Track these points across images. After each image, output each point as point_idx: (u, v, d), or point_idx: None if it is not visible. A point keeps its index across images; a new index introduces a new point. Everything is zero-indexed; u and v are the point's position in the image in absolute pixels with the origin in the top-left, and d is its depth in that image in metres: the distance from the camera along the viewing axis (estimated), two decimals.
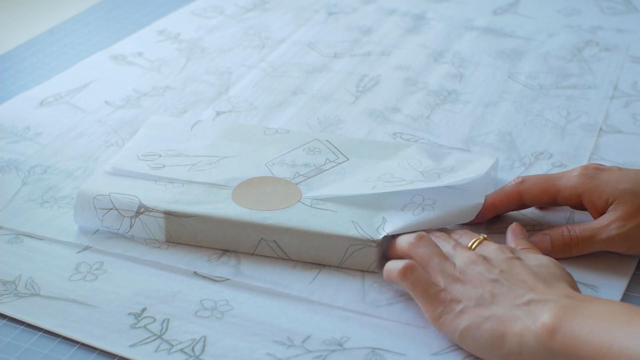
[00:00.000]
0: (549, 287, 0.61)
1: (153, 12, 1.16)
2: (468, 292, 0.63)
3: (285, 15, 1.15)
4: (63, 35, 1.10)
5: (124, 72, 1.00)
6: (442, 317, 0.63)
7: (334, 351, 0.63)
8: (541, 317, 0.59)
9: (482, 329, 0.61)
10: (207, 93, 0.96)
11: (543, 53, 1.05)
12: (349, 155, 0.78)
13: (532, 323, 0.59)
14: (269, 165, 0.77)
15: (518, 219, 0.75)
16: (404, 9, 1.17)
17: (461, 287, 0.63)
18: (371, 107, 0.93)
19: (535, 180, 0.74)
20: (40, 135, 0.88)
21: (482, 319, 0.61)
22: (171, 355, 0.62)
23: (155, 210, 0.72)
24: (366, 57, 1.04)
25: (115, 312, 0.66)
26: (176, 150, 0.79)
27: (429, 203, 0.72)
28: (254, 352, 0.62)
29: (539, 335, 0.58)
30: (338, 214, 0.71)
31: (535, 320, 0.59)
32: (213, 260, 0.71)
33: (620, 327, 0.56)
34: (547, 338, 0.58)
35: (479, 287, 0.63)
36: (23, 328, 0.65)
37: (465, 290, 0.63)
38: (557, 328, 0.58)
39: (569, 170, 0.74)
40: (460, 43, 1.07)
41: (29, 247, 0.72)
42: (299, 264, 0.70)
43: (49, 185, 0.80)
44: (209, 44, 1.07)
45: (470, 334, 0.61)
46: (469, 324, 0.61)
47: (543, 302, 0.60)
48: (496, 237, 0.71)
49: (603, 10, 1.17)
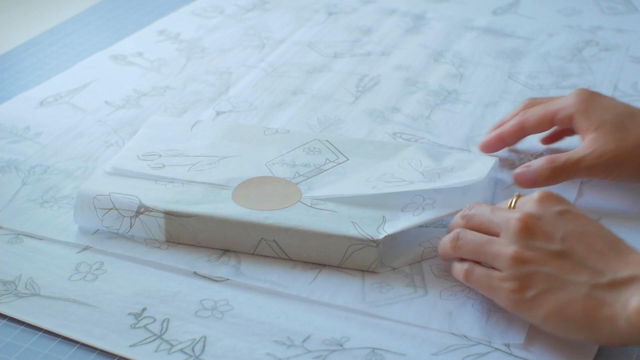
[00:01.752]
0: (621, 258, 0.59)
1: (153, 12, 1.16)
2: (534, 273, 0.60)
3: (285, 15, 1.15)
4: (63, 35, 1.10)
5: (124, 72, 1.00)
6: (516, 306, 0.61)
7: (334, 351, 0.63)
8: (631, 302, 0.57)
9: (566, 315, 0.59)
10: (207, 93, 0.96)
11: (543, 53, 1.05)
12: (349, 155, 0.78)
13: (622, 309, 0.57)
14: (269, 165, 0.77)
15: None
16: (404, 9, 1.17)
17: (523, 269, 0.60)
18: (371, 107, 0.93)
19: (535, 109, 0.79)
20: (40, 135, 0.88)
21: (562, 304, 0.59)
22: (171, 355, 0.62)
23: (155, 210, 0.72)
24: (366, 57, 1.04)
25: (115, 312, 0.66)
26: (176, 150, 0.79)
27: (429, 202, 0.72)
28: (254, 352, 0.62)
29: (632, 321, 0.57)
30: (338, 214, 0.71)
31: (625, 305, 0.57)
32: (213, 260, 0.71)
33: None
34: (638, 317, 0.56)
35: (544, 265, 0.60)
36: (23, 328, 0.65)
37: (530, 271, 0.60)
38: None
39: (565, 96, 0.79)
40: (460, 43, 1.07)
41: (29, 247, 0.72)
42: (299, 264, 0.70)
43: (49, 185, 0.80)
44: (209, 44, 1.07)
45: (553, 321, 0.59)
46: (549, 311, 0.59)
47: (627, 282, 0.58)
48: None
49: (603, 10, 1.17)
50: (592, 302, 0.58)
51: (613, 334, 0.58)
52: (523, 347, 0.63)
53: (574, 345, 0.63)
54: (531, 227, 0.61)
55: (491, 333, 0.64)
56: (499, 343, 0.63)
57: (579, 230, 0.61)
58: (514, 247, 0.61)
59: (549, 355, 0.62)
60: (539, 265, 0.60)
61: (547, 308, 0.59)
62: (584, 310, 0.58)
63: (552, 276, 0.60)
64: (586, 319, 0.58)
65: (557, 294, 0.59)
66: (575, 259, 0.60)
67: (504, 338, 0.63)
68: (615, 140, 0.74)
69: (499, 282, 0.61)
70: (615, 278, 0.59)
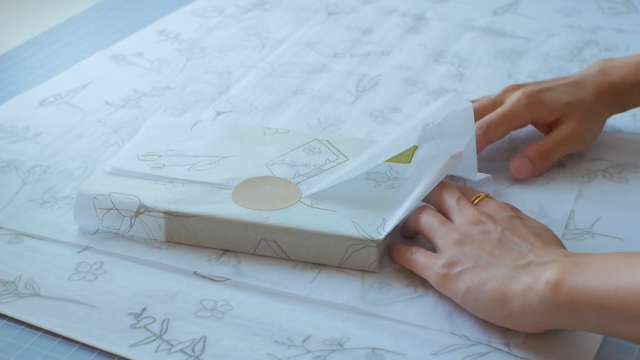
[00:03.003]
0: (547, 248, 0.63)
1: (153, 12, 1.16)
2: (467, 253, 0.64)
3: (285, 15, 1.15)
4: (63, 35, 1.10)
5: (124, 72, 1.00)
6: (442, 281, 0.65)
7: (334, 351, 0.63)
8: (543, 276, 0.60)
9: (483, 290, 0.62)
10: (207, 93, 0.96)
11: (543, 53, 1.05)
12: (349, 155, 0.78)
13: (534, 282, 0.60)
14: (269, 165, 0.77)
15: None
16: (404, 9, 1.17)
17: (460, 249, 0.65)
18: (371, 107, 0.93)
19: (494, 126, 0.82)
20: (40, 135, 0.88)
21: (482, 280, 0.63)
22: (171, 355, 0.62)
23: (155, 210, 0.72)
24: (366, 57, 1.04)
25: (115, 312, 0.66)
26: (176, 150, 0.79)
27: (417, 182, 0.72)
28: (254, 352, 0.62)
29: (543, 293, 0.59)
30: (338, 213, 0.71)
31: (536, 279, 0.60)
32: (213, 260, 0.71)
33: (622, 271, 0.57)
34: (552, 294, 0.59)
35: (478, 248, 0.64)
36: (23, 328, 0.65)
37: (464, 251, 0.65)
38: (561, 283, 0.59)
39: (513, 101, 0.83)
40: (460, 43, 1.07)
41: (29, 247, 0.72)
42: (299, 264, 0.70)
43: (49, 186, 0.80)
44: (209, 44, 1.07)
45: (471, 295, 0.63)
46: (470, 286, 0.63)
47: (543, 263, 0.61)
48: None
49: (603, 10, 1.17)
50: (509, 279, 0.62)
51: (524, 309, 0.60)
52: (523, 347, 0.63)
53: (574, 345, 0.63)
54: (480, 221, 0.66)
55: (491, 333, 0.64)
56: (498, 343, 0.63)
57: (521, 226, 0.66)
58: (459, 231, 0.66)
59: (549, 355, 0.62)
60: (473, 248, 0.65)
61: (467, 284, 0.63)
62: (499, 286, 0.62)
63: (480, 257, 0.64)
64: (500, 293, 0.62)
65: (479, 272, 0.63)
66: (507, 246, 0.64)
67: (504, 338, 0.63)
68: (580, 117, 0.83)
69: (433, 261, 0.66)
70: (533, 260, 0.62)
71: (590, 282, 0.58)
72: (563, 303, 0.59)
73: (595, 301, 0.57)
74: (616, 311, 0.56)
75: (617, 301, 0.56)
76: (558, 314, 0.59)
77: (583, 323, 0.59)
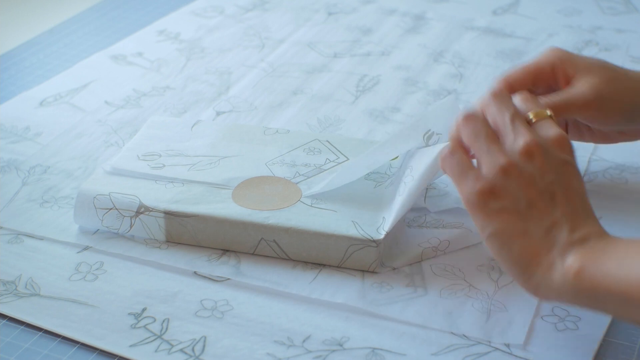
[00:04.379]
0: (586, 220, 0.60)
1: (153, 12, 1.16)
2: (510, 189, 0.60)
3: (285, 15, 1.15)
4: (63, 35, 1.10)
5: (124, 72, 1.00)
6: (475, 206, 0.61)
7: (334, 351, 0.63)
8: (569, 258, 0.58)
9: (513, 243, 0.59)
10: (207, 93, 0.96)
11: None
12: (349, 155, 0.78)
13: (561, 261, 0.58)
14: (269, 165, 0.77)
15: None
16: (404, 9, 1.17)
17: (505, 181, 0.60)
18: (371, 107, 0.93)
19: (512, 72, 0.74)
20: (40, 135, 0.88)
21: (517, 231, 0.59)
22: (171, 355, 0.62)
23: (155, 210, 0.72)
24: (366, 57, 1.04)
25: (115, 312, 0.66)
26: (176, 150, 0.79)
27: (409, 175, 0.71)
28: (254, 352, 0.62)
29: (565, 274, 0.58)
30: (338, 213, 0.71)
31: (564, 258, 0.58)
32: (213, 260, 0.71)
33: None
34: (574, 278, 0.57)
35: (523, 189, 0.60)
36: (23, 328, 0.65)
37: (508, 185, 0.60)
38: (584, 269, 0.57)
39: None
40: (460, 43, 1.07)
41: (29, 247, 0.72)
42: (299, 264, 0.70)
43: (49, 186, 0.80)
44: (209, 44, 1.07)
45: (500, 240, 0.60)
46: (503, 229, 0.60)
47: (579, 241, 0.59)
48: None
49: (603, 10, 1.17)
50: (541, 244, 0.59)
51: (545, 281, 0.59)
52: (523, 347, 0.63)
53: (574, 345, 0.63)
54: (532, 155, 0.61)
55: (491, 333, 0.64)
56: (499, 343, 0.63)
57: (568, 184, 0.61)
58: (508, 159, 0.61)
59: (549, 355, 0.62)
60: (518, 187, 0.60)
61: (500, 226, 0.60)
62: (531, 248, 0.59)
63: (522, 203, 0.60)
64: (529, 255, 0.59)
65: (517, 220, 0.60)
66: (550, 204, 0.60)
67: (504, 338, 0.63)
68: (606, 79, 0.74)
69: (474, 177, 0.61)
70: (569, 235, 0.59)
71: (613, 270, 0.56)
72: (584, 289, 0.57)
73: (616, 290, 0.56)
74: (636, 300, 0.55)
75: (637, 290, 0.55)
76: (577, 296, 0.58)
77: (601, 307, 0.58)
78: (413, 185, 0.70)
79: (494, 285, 0.68)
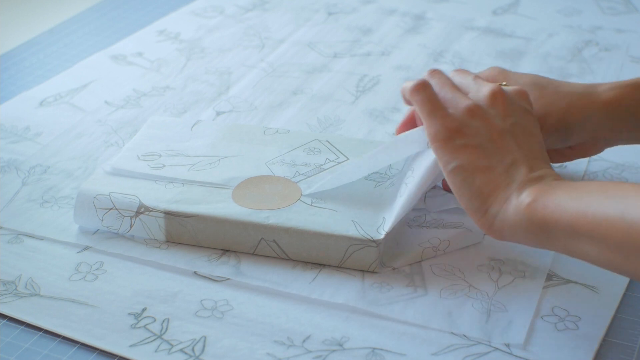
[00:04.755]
0: (544, 164, 0.64)
1: (153, 12, 1.17)
2: (475, 128, 0.64)
3: (285, 15, 1.15)
4: (63, 35, 1.10)
5: (124, 72, 1.00)
6: (439, 142, 0.64)
7: (334, 351, 0.63)
8: (524, 193, 0.61)
9: (475, 177, 0.63)
10: (207, 93, 0.96)
11: (543, 53, 1.05)
12: (349, 155, 0.78)
13: (517, 196, 0.61)
14: (269, 164, 0.77)
15: None
16: (404, 9, 1.17)
17: (470, 120, 0.64)
18: (371, 107, 0.93)
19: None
20: (40, 135, 0.88)
21: (480, 167, 0.63)
22: (171, 355, 0.62)
23: (155, 210, 0.72)
24: (366, 57, 1.04)
25: (115, 312, 0.66)
26: (176, 150, 0.79)
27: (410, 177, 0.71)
28: (254, 352, 0.62)
29: (518, 206, 0.61)
30: (338, 213, 0.71)
31: (519, 194, 0.61)
32: (213, 260, 0.71)
33: (595, 196, 0.58)
34: (525, 209, 0.60)
35: (487, 128, 0.64)
36: (23, 328, 0.65)
37: (474, 124, 0.64)
38: (536, 201, 0.60)
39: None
40: (460, 43, 1.07)
41: (29, 247, 0.72)
42: (299, 264, 0.70)
43: (49, 186, 0.80)
44: (209, 44, 1.07)
45: (462, 175, 0.63)
46: (465, 164, 0.63)
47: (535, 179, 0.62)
48: None
49: (603, 10, 1.17)
50: (501, 179, 0.62)
51: (500, 214, 0.62)
52: (523, 347, 0.63)
53: (574, 345, 0.63)
54: (496, 99, 0.65)
55: (491, 333, 0.64)
56: (499, 343, 0.63)
57: (528, 129, 0.65)
58: (473, 101, 0.65)
59: (549, 355, 0.62)
60: (482, 125, 0.64)
61: (464, 161, 0.63)
62: (491, 183, 0.62)
63: (486, 141, 0.63)
64: (489, 189, 0.62)
65: (479, 155, 0.63)
66: (511, 143, 0.63)
67: (504, 338, 0.63)
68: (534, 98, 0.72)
69: (442, 114, 0.64)
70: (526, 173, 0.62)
71: (563, 202, 0.59)
72: (535, 221, 0.60)
73: (565, 221, 0.58)
74: (583, 232, 0.57)
75: (585, 222, 0.57)
76: (528, 229, 0.61)
77: (551, 242, 0.61)
78: (414, 186, 0.70)
79: (494, 286, 0.68)
